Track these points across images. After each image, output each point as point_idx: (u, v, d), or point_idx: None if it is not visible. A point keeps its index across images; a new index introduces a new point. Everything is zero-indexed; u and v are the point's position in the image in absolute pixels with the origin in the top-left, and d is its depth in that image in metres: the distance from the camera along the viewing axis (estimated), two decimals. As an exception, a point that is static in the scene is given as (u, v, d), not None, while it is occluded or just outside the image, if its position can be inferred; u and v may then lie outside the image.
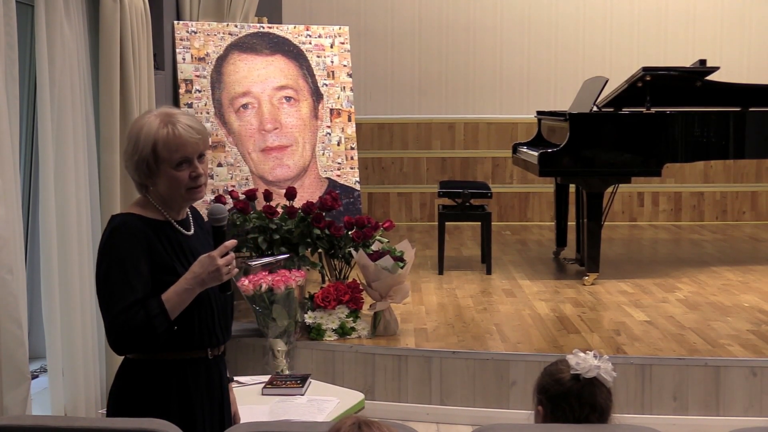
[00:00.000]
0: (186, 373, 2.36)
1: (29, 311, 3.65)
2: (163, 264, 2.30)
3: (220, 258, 2.28)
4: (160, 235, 2.32)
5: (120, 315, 2.23)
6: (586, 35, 8.64)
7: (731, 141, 5.95)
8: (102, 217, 4.02)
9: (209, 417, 2.41)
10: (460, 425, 4.39)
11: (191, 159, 2.31)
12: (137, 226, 2.30)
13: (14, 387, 3.17)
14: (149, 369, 2.35)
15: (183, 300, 2.27)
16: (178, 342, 2.33)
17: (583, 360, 2.18)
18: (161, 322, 2.24)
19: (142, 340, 2.25)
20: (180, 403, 2.35)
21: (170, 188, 2.32)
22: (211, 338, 2.39)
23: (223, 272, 2.28)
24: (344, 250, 5.07)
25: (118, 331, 2.24)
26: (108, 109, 4.01)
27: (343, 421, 1.73)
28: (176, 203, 2.37)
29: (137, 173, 2.33)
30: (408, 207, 8.72)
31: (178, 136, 2.28)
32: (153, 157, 2.29)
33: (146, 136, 2.29)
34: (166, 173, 2.30)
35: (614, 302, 5.49)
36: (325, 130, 6.01)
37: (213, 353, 2.41)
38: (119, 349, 2.29)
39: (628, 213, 8.71)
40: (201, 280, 2.28)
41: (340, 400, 3.56)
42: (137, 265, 2.26)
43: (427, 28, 8.65)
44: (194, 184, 2.33)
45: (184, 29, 5.70)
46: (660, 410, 4.33)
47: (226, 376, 2.53)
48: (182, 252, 2.35)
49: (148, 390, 2.34)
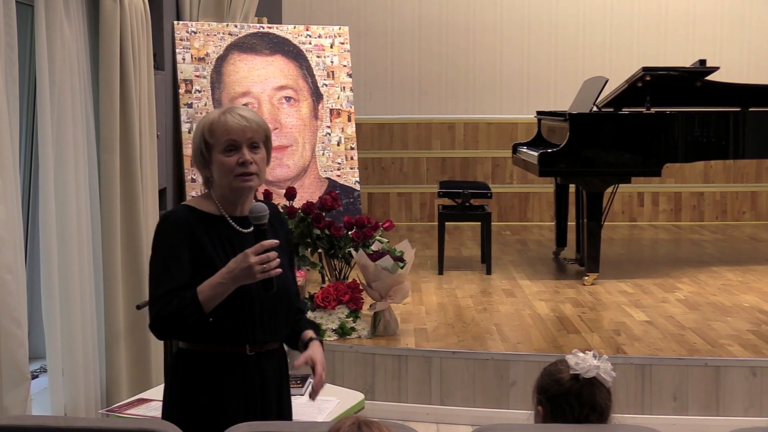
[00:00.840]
0: (221, 366, 2.39)
1: (29, 311, 3.65)
2: (204, 257, 2.34)
3: (254, 256, 2.28)
4: (209, 229, 2.37)
5: (157, 301, 2.33)
6: (586, 35, 8.64)
7: (731, 141, 5.95)
8: (102, 216, 4.02)
9: (243, 413, 2.39)
10: (460, 425, 4.39)
11: (239, 144, 2.35)
12: (183, 217, 2.37)
13: (14, 387, 3.17)
14: (190, 359, 2.41)
15: (217, 293, 2.30)
16: (216, 335, 2.37)
17: (583, 360, 2.18)
18: (191, 313, 2.29)
19: (174, 327, 2.33)
20: (211, 395, 2.39)
21: (221, 175, 2.36)
22: (248, 335, 2.39)
23: (255, 270, 2.28)
24: (344, 250, 5.07)
25: (154, 316, 2.34)
26: (108, 109, 4.01)
27: (343, 421, 1.73)
28: (231, 195, 2.40)
29: (197, 164, 2.42)
30: (408, 207, 8.72)
31: (225, 121, 2.35)
32: (204, 144, 2.36)
33: (200, 125, 2.39)
34: (217, 159, 2.35)
35: (614, 302, 5.49)
36: (325, 130, 6.01)
37: (253, 350, 2.41)
38: (155, 332, 2.38)
39: (628, 213, 8.71)
40: (234, 276, 2.29)
41: (340, 400, 3.55)
42: (178, 254, 2.33)
43: (427, 28, 8.65)
44: (242, 170, 2.34)
45: (184, 29, 5.70)
46: (660, 410, 4.33)
47: (278, 373, 2.50)
48: (231, 248, 2.37)
49: (186, 379, 2.42)
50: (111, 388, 4.04)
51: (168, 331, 2.38)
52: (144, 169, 4.24)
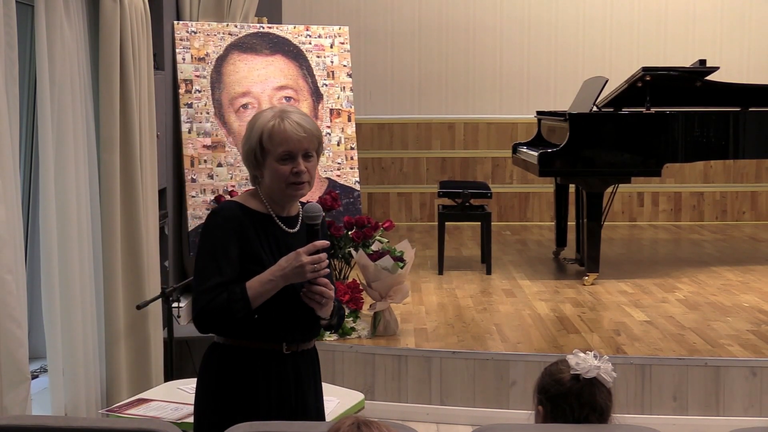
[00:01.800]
0: (256, 363, 2.40)
1: (29, 311, 3.65)
2: (252, 253, 2.35)
3: (306, 256, 2.31)
4: (256, 226, 2.38)
5: (204, 294, 2.32)
6: (586, 35, 8.64)
7: (731, 141, 5.95)
8: (102, 216, 4.02)
9: (277, 411, 2.41)
10: (460, 425, 4.39)
11: (295, 155, 2.36)
12: (233, 212, 2.38)
13: (14, 387, 3.17)
14: (226, 354, 2.42)
15: (266, 290, 2.32)
16: (254, 331, 2.38)
17: (583, 360, 2.18)
18: (240, 308, 2.30)
19: (220, 321, 2.33)
20: (247, 391, 2.40)
21: (272, 180, 2.38)
22: (287, 333, 2.41)
23: (306, 270, 2.31)
24: (344, 250, 5.07)
25: (200, 309, 2.33)
26: (108, 109, 4.01)
27: (342, 421, 1.73)
28: (279, 197, 2.41)
29: (248, 163, 2.42)
30: (408, 207, 8.72)
31: (283, 130, 2.35)
32: (260, 147, 2.37)
33: (257, 127, 2.38)
34: (271, 165, 2.36)
35: (614, 302, 5.50)
36: (325, 130, 6.01)
37: (289, 348, 2.42)
38: (199, 326, 2.37)
39: (628, 213, 8.71)
40: (284, 274, 2.32)
41: (340, 400, 3.55)
42: (227, 249, 2.33)
43: (427, 28, 8.65)
44: (295, 179, 2.36)
45: (184, 29, 5.70)
46: (660, 410, 4.33)
47: (312, 373, 2.51)
48: (277, 246, 2.39)
49: (220, 373, 2.42)
50: (111, 388, 4.04)
51: (214, 325, 2.37)
52: (144, 169, 4.24)
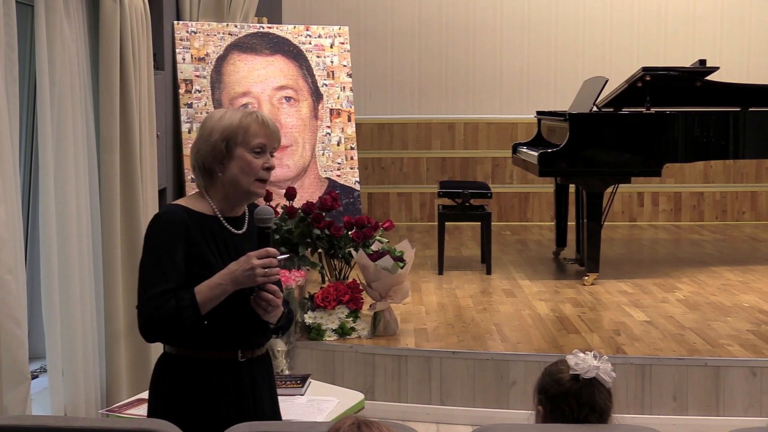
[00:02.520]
0: (212, 373, 2.34)
1: (29, 311, 3.65)
2: (199, 256, 2.30)
3: (257, 259, 2.27)
4: (203, 228, 2.32)
5: (150, 301, 2.25)
6: (586, 35, 8.64)
7: (731, 141, 5.94)
8: (102, 216, 4.02)
9: (237, 420, 2.34)
10: (460, 425, 4.39)
11: (267, 150, 2.35)
12: (177, 215, 2.31)
13: (14, 387, 3.18)
14: (178, 365, 2.36)
15: (215, 295, 2.26)
16: (208, 340, 2.32)
17: (583, 360, 2.18)
18: (190, 315, 2.24)
19: (169, 329, 2.26)
20: (203, 403, 2.34)
21: (240, 174, 2.33)
22: (240, 339, 2.37)
23: (257, 273, 2.26)
24: (344, 250, 5.07)
25: (147, 317, 2.26)
26: (108, 109, 4.01)
27: (342, 421, 1.73)
28: (237, 195, 2.37)
29: (212, 154, 2.33)
30: (408, 207, 8.72)
31: (262, 123, 2.34)
32: (233, 138, 2.32)
33: (231, 118, 2.33)
34: (242, 158, 2.32)
35: (614, 302, 5.49)
36: (325, 130, 6.01)
37: (244, 356, 2.38)
38: (146, 335, 2.30)
39: (628, 213, 8.71)
40: (234, 278, 2.27)
41: (339, 400, 3.56)
42: (172, 254, 2.27)
43: (427, 28, 8.65)
44: (266, 175, 2.35)
45: (183, 29, 5.70)
46: (660, 410, 4.33)
47: (266, 379, 2.48)
48: (225, 248, 2.34)
49: (174, 386, 2.36)
50: (111, 388, 4.04)
51: (161, 334, 2.31)
52: (144, 169, 4.24)
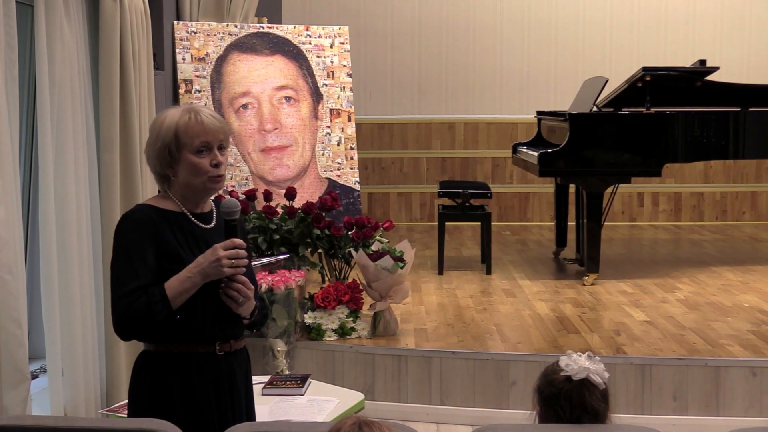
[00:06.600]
0: (190, 367, 2.37)
1: (29, 311, 3.65)
2: (170, 252, 2.32)
3: (223, 250, 2.30)
4: (172, 225, 2.35)
5: (122, 299, 2.28)
6: (586, 35, 8.64)
7: (731, 141, 5.94)
8: (102, 216, 4.02)
9: (217, 414, 2.39)
10: (460, 425, 4.39)
11: (212, 146, 2.35)
12: (146, 213, 2.34)
13: (14, 387, 3.18)
14: (156, 361, 2.38)
15: (185, 288, 2.29)
16: (184, 335, 2.35)
17: (574, 362, 2.18)
18: (161, 309, 2.27)
19: (142, 325, 2.28)
20: (183, 398, 2.36)
21: (190, 176, 2.34)
22: (217, 333, 2.39)
23: (224, 264, 2.29)
24: (344, 250, 5.07)
25: (120, 315, 2.28)
26: (108, 109, 4.01)
27: (343, 421, 1.73)
28: (195, 194, 2.39)
29: (159, 162, 2.35)
30: (408, 207, 8.72)
31: (201, 122, 2.33)
32: (175, 143, 2.32)
33: (169, 123, 2.33)
34: (187, 160, 2.33)
35: (614, 302, 5.49)
36: (325, 130, 6.01)
37: (222, 349, 2.41)
38: (121, 333, 2.33)
39: (628, 213, 8.71)
40: (202, 270, 2.29)
41: (339, 400, 3.56)
42: (142, 252, 2.29)
43: (427, 28, 8.65)
44: (215, 172, 2.35)
45: (183, 29, 5.70)
46: (660, 410, 4.33)
47: (244, 374, 2.50)
48: (195, 242, 2.37)
49: (155, 382, 2.38)
50: (111, 388, 4.04)
51: (135, 331, 2.32)
52: (144, 169, 4.24)
